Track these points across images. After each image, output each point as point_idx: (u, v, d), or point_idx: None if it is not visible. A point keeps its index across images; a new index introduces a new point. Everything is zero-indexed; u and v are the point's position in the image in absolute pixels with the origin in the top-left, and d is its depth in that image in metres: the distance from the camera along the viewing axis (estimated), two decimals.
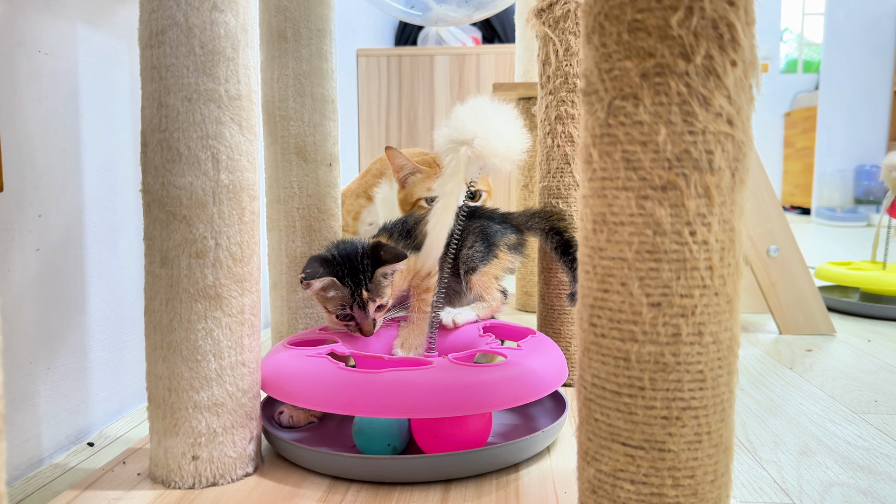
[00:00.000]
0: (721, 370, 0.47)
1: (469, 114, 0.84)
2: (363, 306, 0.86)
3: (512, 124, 0.85)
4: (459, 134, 0.83)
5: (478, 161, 0.83)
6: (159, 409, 0.70)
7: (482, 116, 0.83)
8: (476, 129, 0.82)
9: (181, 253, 0.68)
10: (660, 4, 0.45)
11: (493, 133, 0.82)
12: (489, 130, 0.82)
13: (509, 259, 1.01)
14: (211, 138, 0.68)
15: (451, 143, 0.83)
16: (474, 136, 0.82)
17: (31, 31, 0.81)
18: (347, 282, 0.85)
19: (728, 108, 0.46)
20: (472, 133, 0.82)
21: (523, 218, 1.07)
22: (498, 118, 0.84)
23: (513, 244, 1.02)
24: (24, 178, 0.80)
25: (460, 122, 0.83)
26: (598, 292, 0.49)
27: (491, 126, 0.83)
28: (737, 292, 0.48)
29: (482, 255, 0.99)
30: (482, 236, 1.00)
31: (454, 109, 0.87)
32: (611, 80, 0.47)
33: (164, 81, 0.67)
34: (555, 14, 1.02)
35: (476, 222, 1.01)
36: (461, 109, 0.85)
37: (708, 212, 0.46)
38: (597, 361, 0.49)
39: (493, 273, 0.99)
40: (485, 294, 0.98)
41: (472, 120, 0.83)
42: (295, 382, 0.74)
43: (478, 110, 0.84)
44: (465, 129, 0.82)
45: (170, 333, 0.69)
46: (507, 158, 0.84)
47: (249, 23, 0.71)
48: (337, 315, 0.87)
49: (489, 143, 0.82)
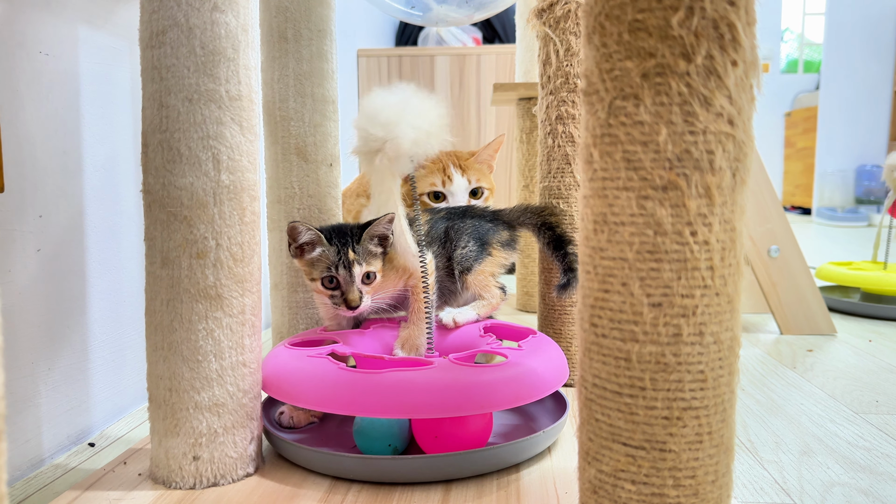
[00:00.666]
0: (722, 370, 0.47)
1: (368, 119, 0.80)
2: (348, 267, 0.84)
3: (416, 103, 0.81)
4: (368, 145, 0.80)
5: (400, 159, 0.79)
6: (160, 410, 0.70)
7: (382, 116, 0.79)
8: (380, 132, 0.79)
9: (182, 253, 0.68)
10: (660, 4, 0.45)
11: (399, 126, 0.78)
12: (395, 125, 0.78)
13: (503, 255, 1.01)
14: (212, 139, 0.68)
15: (364, 155, 0.81)
16: (383, 141, 0.78)
17: (32, 32, 0.81)
18: (335, 241, 0.85)
19: (729, 109, 0.46)
20: (379, 139, 0.79)
21: (514, 214, 1.06)
22: (398, 106, 0.80)
23: (505, 241, 1.02)
24: (25, 178, 0.80)
25: (364, 130, 0.80)
26: (599, 292, 0.49)
27: (394, 119, 0.78)
28: (738, 292, 0.48)
29: (476, 254, 0.98)
30: (475, 235, 1.00)
31: (354, 120, 0.82)
32: (611, 80, 0.47)
33: (164, 82, 0.67)
34: (555, 14, 1.02)
35: (467, 221, 1.01)
36: (360, 117, 0.81)
37: (709, 212, 0.46)
38: (598, 362, 0.49)
39: (489, 271, 0.98)
40: (483, 292, 0.97)
41: (374, 124, 0.79)
42: (296, 383, 0.74)
43: (376, 111, 0.80)
44: (370, 137, 0.79)
45: (170, 334, 0.69)
46: (428, 137, 0.80)
47: (250, 23, 0.71)
48: (322, 282, 0.86)
49: (400, 139, 0.78)
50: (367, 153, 0.81)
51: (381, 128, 0.79)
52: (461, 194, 1.15)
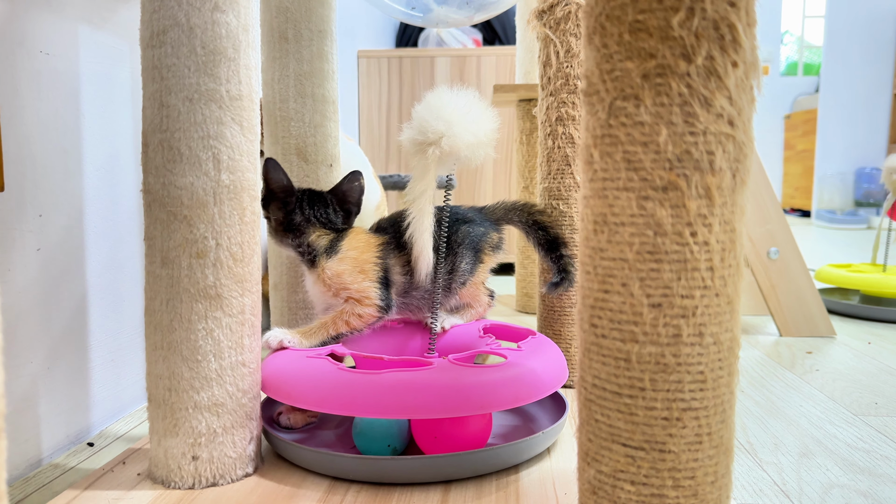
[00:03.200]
0: (722, 371, 0.47)
1: (431, 111, 0.81)
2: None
3: (477, 110, 0.82)
4: (425, 135, 0.80)
5: (449, 158, 0.81)
6: (159, 410, 0.70)
7: (446, 111, 0.81)
8: (441, 126, 0.80)
9: (182, 253, 0.68)
10: (661, 5, 0.45)
11: (459, 126, 0.80)
12: (455, 124, 0.80)
13: (493, 260, 1.00)
14: (212, 138, 0.68)
15: (417, 145, 0.81)
16: (441, 135, 0.80)
17: (32, 31, 0.81)
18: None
19: (729, 109, 0.46)
20: (438, 132, 0.80)
21: (501, 211, 1.04)
22: (462, 108, 0.81)
23: (495, 244, 1.00)
24: (25, 177, 0.80)
25: (424, 121, 0.81)
26: (599, 293, 0.49)
27: (456, 119, 0.80)
28: (737, 293, 0.48)
29: (471, 266, 0.96)
30: (470, 245, 0.97)
31: (415, 109, 0.83)
32: (612, 81, 0.47)
33: (165, 81, 0.67)
34: (556, 15, 1.02)
35: (463, 229, 0.98)
36: (422, 108, 0.82)
37: (709, 212, 0.46)
38: (597, 362, 0.49)
39: (479, 280, 0.98)
40: (474, 303, 0.97)
41: (437, 117, 0.80)
42: (295, 383, 0.74)
43: (440, 106, 0.81)
44: (430, 128, 0.80)
45: (170, 333, 0.69)
46: (479, 146, 0.82)
47: (251, 23, 0.71)
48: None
49: (457, 138, 0.80)
50: (422, 143, 0.81)
51: (443, 122, 0.80)
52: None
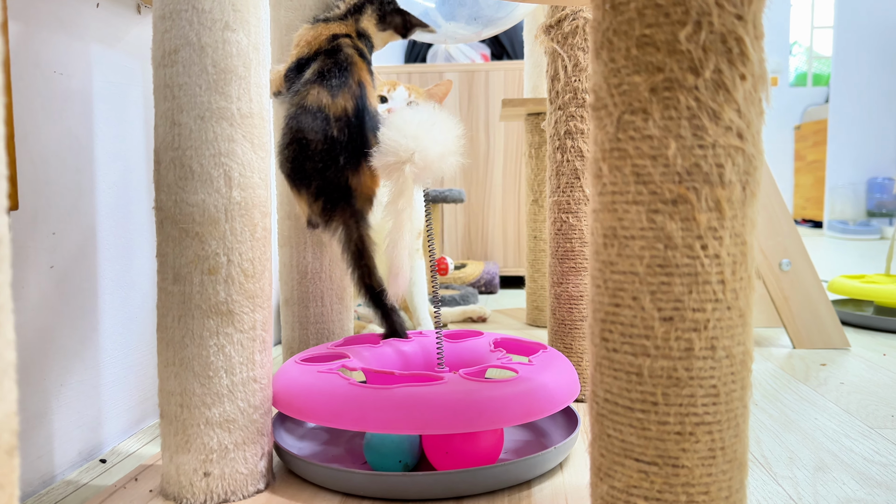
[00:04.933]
0: (734, 385, 0.47)
1: (397, 131, 0.83)
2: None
3: (439, 122, 0.85)
4: (397, 155, 0.83)
5: (424, 172, 0.83)
6: (171, 426, 0.70)
7: (411, 128, 0.83)
8: (410, 143, 0.82)
9: (194, 269, 0.69)
10: (668, 20, 0.45)
11: (427, 140, 0.82)
12: (423, 139, 0.82)
13: None
14: (223, 156, 0.68)
15: (391, 166, 0.83)
16: (412, 152, 0.82)
17: (47, 52, 0.82)
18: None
19: (738, 122, 0.46)
20: (409, 149, 0.82)
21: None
22: (426, 122, 0.84)
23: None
24: (39, 195, 0.81)
25: (393, 141, 0.83)
26: (610, 307, 0.49)
27: (422, 134, 0.82)
28: (749, 306, 0.48)
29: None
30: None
31: (381, 132, 0.86)
32: (620, 95, 0.47)
33: (177, 100, 0.68)
34: (563, 30, 1.02)
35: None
36: (387, 129, 0.85)
37: (719, 225, 0.46)
38: (609, 377, 0.49)
39: None
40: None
41: (404, 135, 0.83)
42: (306, 399, 0.74)
43: (404, 124, 0.84)
44: (400, 147, 0.82)
45: (182, 350, 0.69)
46: (448, 156, 0.84)
47: (261, 42, 0.72)
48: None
49: (427, 152, 0.82)
50: (396, 163, 0.83)
51: (411, 139, 0.82)
52: (400, 101, 1.36)
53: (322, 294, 1.07)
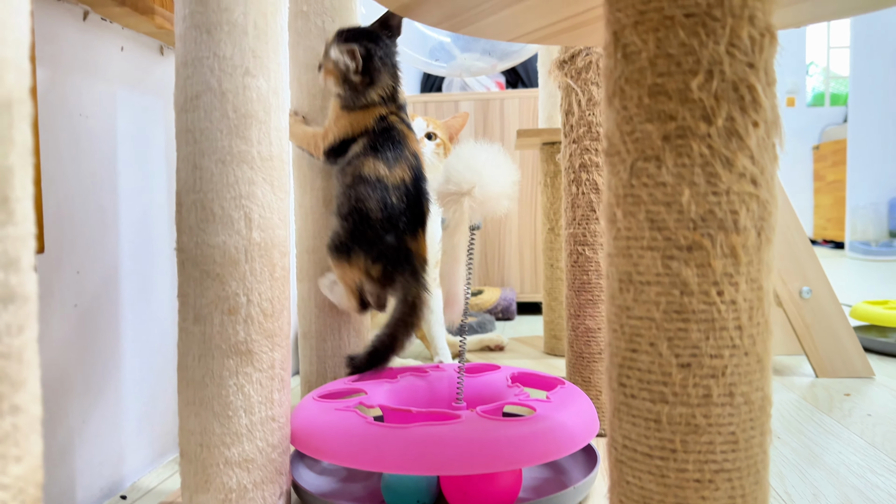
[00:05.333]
0: (754, 431, 0.47)
1: (462, 162, 0.86)
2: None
3: (501, 163, 0.87)
4: (458, 186, 0.85)
5: (480, 208, 0.85)
6: (191, 465, 0.71)
7: (476, 163, 0.86)
8: (472, 177, 0.84)
9: (214, 310, 0.70)
10: (680, 69, 0.46)
11: (487, 178, 0.85)
12: (484, 176, 0.85)
13: None
14: (244, 198, 0.70)
15: (451, 196, 0.86)
16: (472, 186, 0.84)
17: (73, 96, 0.85)
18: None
19: (752, 168, 0.46)
20: (470, 183, 0.84)
21: None
22: (490, 160, 0.87)
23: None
24: (64, 236, 0.83)
25: (457, 172, 0.85)
26: (627, 352, 0.49)
27: (485, 171, 0.85)
28: (767, 351, 0.48)
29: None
30: None
31: (446, 162, 0.89)
32: (632, 142, 0.48)
33: (198, 144, 0.69)
34: (577, 65, 1.03)
35: None
36: (453, 159, 0.88)
37: (735, 271, 0.46)
38: (627, 422, 0.48)
39: None
40: None
41: (467, 168, 0.85)
42: (324, 438, 0.74)
43: (470, 157, 0.87)
44: (463, 179, 0.85)
45: (202, 389, 0.70)
46: (504, 197, 0.86)
47: (281, 86, 0.73)
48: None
49: (487, 189, 0.85)
50: (456, 194, 0.86)
51: (475, 173, 0.85)
52: (419, 131, 1.41)
53: (339, 328, 1.08)
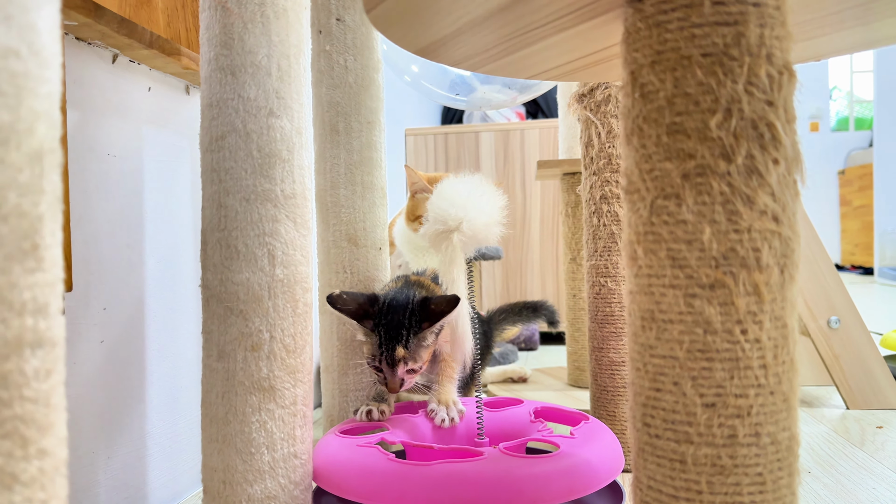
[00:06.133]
0: (781, 472, 0.46)
1: (446, 200, 0.87)
2: (392, 364, 0.85)
3: (485, 192, 0.88)
4: (446, 224, 0.85)
5: (470, 241, 0.86)
6: (214, 503, 0.71)
7: (459, 198, 0.86)
8: (458, 212, 0.85)
9: (237, 346, 0.70)
10: (698, 108, 0.46)
11: (474, 210, 0.85)
12: (470, 209, 0.85)
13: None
14: (267, 235, 0.71)
15: (440, 233, 0.86)
16: (460, 221, 0.85)
17: (102, 136, 0.87)
18: (381, 332, 0.85)
19: (773, 206, 0.46)
20: (458, 218, 0.85)
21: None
22: (474, 193, 0.87)
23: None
24: (91, 273, 0.84)
25: (442, 210, 0.86)
26: (651, 391, 0.48)
27: (469, 204, 0.86)
28: (793, 390, 0.47)
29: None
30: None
31: (430, 201, 0.89)
32: (652, 181, 0.48)
33: (223, 184, 0.71)
34: (596, 99, 1.04)
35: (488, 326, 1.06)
36: (436, 198, 0.88)
37: (758, 309, 0.45)
38: (652, 463, 0.48)
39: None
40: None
41: (453, 205, 0.86)
42: (345, 475, 0.74)
43: (453, 193, 0.87)
44: (449, 216, 0.85)
45: (225, 426, 0.70)
46: (492, 226, 0.87)
47: (304, 125, 0.75)
48: (367, 362, 0.88)
49: (474, 221, 0.85)
50: (444, 232, 0.87)
51: (460, 208, 0.86)
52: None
53: (361, 362, 1.08)
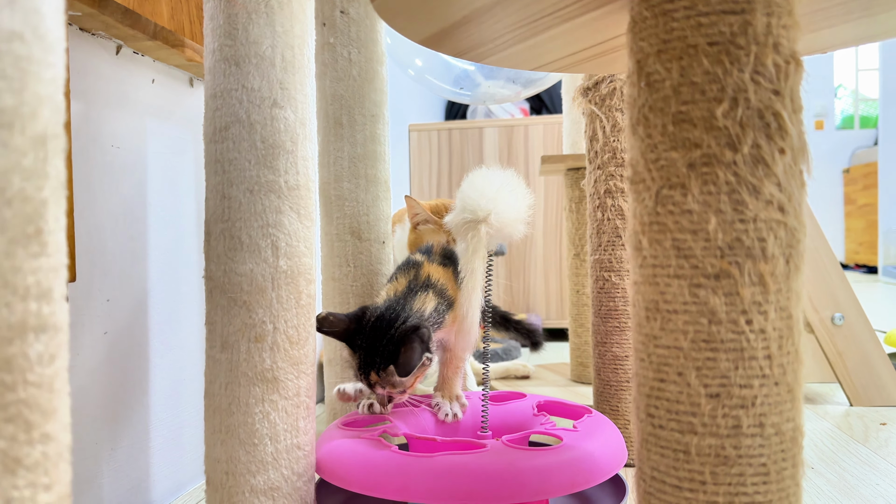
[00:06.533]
0: (785, 463, 0.46)
1: (476, 190, 0.86)
2: (371, 386, 0.84)
3: (516, 188, 0.87)
4: (474, 214, 0.85)
5: (497, 235, 0.85)
6: (217, 493, 0.71)
7: (490, 190, 0.85)
8: (488, 204, 0.84)
9: (241, 337, 0.70)
10: (704, 97, 0.46)
11: (503, 204, 0.85)
12: (500, 202, 0.85)
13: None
14: (271, 227, 0.71)
15: (468, 223, 0.86)
16: (489, 213, 0.84)
17: (106, 127, 0.87)
18: (360, 354, 0.84)
19: (779, 196, 0.45)
20: (487, 210, 0.84)
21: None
22: (504, 187, 0.86)
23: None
24: (94, 265, 0.84)
25: (472, 200, 0.85)
26: (655, 381, 0.48)
27: (500, 197, 0.85)
28: (798, 381, 0.47)
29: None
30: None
31: (460, 190, 0.88)
32: (657, 170, 0.48)
33: (227, 174, 0.70)
34: (601, 92, 1.04)
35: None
36: (467, 188, 0.87)
37: (763, 300, 0.45)
38: (655, 454, 0.48)
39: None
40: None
41: (483, 196, 0.85)
42: (349, 467, 0.74)
43: (484, 184, 0.86)
44: (478, 207, 0.84)
45: (228, 417, 0.70)
46: (519, 223, 0.86)
47: (308, 117, 0.74)
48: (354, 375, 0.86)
49: (503, 215, 0.84)
50: (472, 221, 0.85)
51: (490, 200, 0.85)
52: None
53: None
